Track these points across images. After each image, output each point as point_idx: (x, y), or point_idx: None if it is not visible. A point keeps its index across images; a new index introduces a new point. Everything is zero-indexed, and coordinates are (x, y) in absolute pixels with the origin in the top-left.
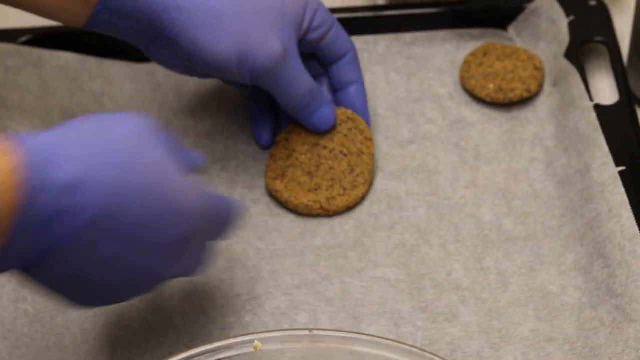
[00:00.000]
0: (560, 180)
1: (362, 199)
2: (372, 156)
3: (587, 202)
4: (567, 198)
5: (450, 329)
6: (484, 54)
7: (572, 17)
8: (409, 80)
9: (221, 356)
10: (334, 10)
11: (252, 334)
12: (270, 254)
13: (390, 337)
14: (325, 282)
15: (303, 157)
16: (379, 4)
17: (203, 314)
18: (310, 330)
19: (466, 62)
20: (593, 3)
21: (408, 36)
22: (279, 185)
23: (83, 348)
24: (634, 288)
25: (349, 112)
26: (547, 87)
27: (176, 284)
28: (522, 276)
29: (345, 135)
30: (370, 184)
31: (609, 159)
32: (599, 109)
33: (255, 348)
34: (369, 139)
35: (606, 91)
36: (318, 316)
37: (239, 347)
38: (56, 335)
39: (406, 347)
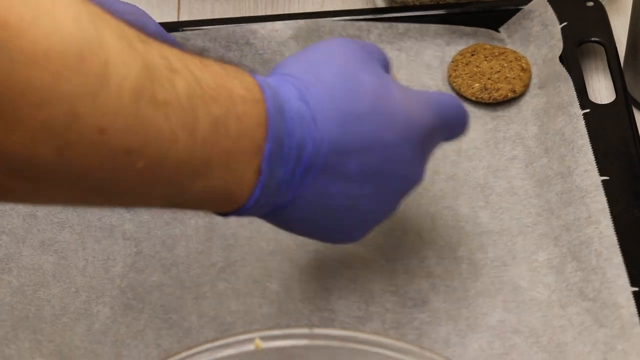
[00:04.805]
0: (539, 179)
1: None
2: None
3: (565, 205)
4: (545, 198)
5: (418, 314)
6: (472, 54)
7: (565, 23)
8: (397, 72)
9: (222, 354)
10: (334, 13)
11: (253, 332)
12: (249, 219)
13: (359, 315)
14: (300, 250)
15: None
16: (379, 6)
17: (179, 286)
18: (310, 328)
19: (454, 61)
20: (590, 4)
21: (401, 26)
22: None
23: (61, 320)
24: (608, 295)
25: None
26: (533, 88)
27: (157, 261)
28: (494, 268)
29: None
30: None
31: (593, 167)
32: (595, 107)
33: (256, 346)
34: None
35: (603, 91)
36: (290, 284)
37: (240, 345)
38: (36, 306)
39: (406, 345)
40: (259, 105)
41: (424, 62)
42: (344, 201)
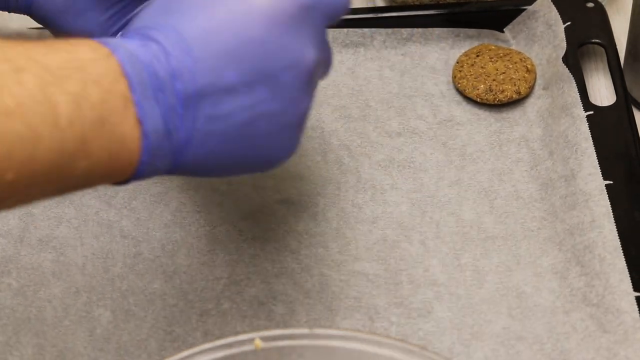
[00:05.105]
0: (544, 183)
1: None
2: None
3: (569, 208)
4: (549, 202)
5: (423, 324)
6: (477, 55)
7: (569, 23)
8: (402, 77)
9: (221, 354)
10: None
11: (253, 332)
12: (252, 235)
13: (364, 332)
14: (304, 273)
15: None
16: (379, 5)
17: (182, 298)
18: (310, 328)
19: (459, 62)
20: (590, 5)
21: (404, 31)
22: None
23: (63, 322)
24: (611, 300)
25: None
26: (537, 90)
27: (158, 266)
28: (498, 274)
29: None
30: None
31: (596, 170)
32: (596, 110)
33: (256, 346)
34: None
35: (603, 92)
36: (295, 308)
37: (240, 345)
38: (37, 308)
39: (405, 345)
40: (110, 59)
41: (429, 66)
42: (243, 115)
